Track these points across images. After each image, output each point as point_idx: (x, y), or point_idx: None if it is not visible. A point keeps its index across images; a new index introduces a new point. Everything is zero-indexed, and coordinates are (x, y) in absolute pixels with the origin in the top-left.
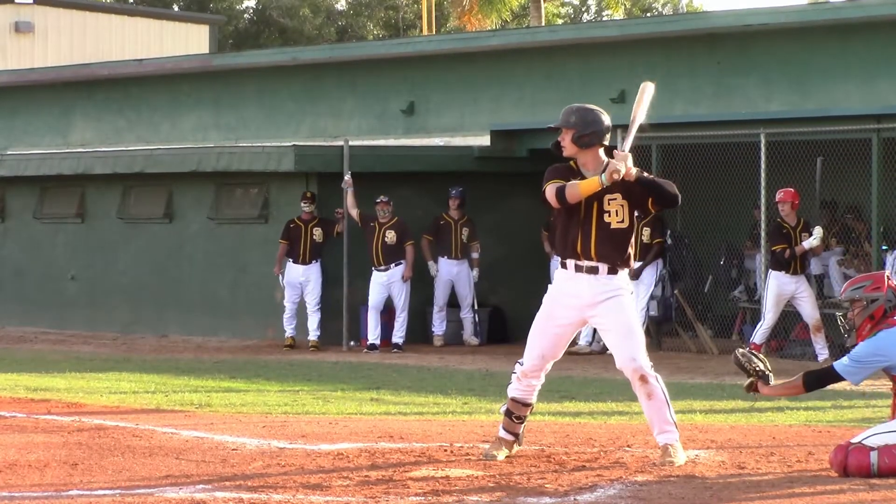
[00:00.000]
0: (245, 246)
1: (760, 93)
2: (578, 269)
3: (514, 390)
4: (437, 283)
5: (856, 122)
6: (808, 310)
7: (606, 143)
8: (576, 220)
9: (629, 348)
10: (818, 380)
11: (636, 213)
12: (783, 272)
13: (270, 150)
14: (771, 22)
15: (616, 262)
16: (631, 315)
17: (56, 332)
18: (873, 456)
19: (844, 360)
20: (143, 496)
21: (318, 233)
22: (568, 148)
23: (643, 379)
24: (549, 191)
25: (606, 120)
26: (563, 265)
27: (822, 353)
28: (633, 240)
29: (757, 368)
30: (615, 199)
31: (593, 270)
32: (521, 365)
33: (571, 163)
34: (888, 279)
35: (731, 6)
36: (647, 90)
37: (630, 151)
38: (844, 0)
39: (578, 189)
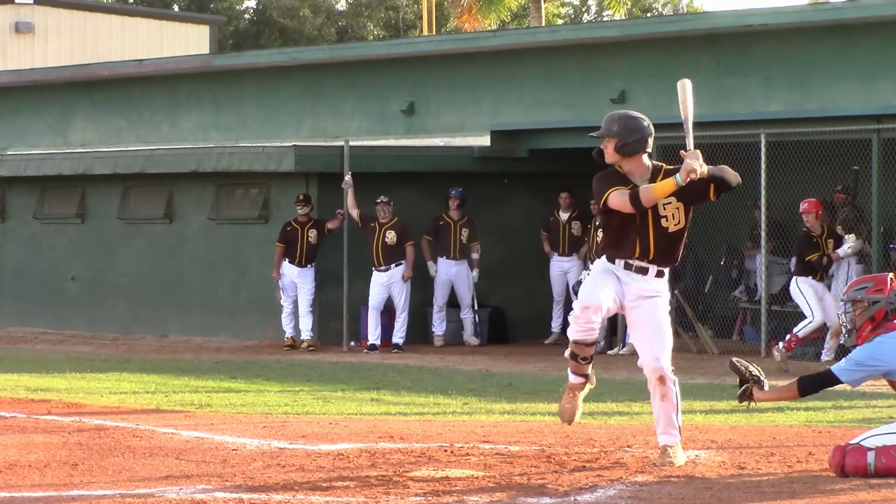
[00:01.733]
0: (245, 246)
1: (760, 93)
2: (628, 266)
3: (574, 332)
4: (436, 283)
5: (856, 122)
6: (832, 315)
7: (650, 149)
8: (632, 225)
9: (655, 348)
10: (814, 384)
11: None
12: (811, 277)
13: (270, 150)
14: (771, 22)
15: (668, 264)
16: (664, 317)
17: (56, 333)
18: (870, 456)
19: (842, 362)
20: (144, 496)
21: (313, 235)
22: (611, 156)
23: (661, 380)
24: (618, 198)
25: (649, 126)
26: (611, 260)
27: (828, 356)
28: (684, 239)
29: (753, 374)
30: (670, 202)
31: (642, 271)
32: (578, 302)
33: (616, 167)
34: (891, 281)
35: (731, 6)
36: (687, 87)
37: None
38: (844, 0)
39: (653, 192)
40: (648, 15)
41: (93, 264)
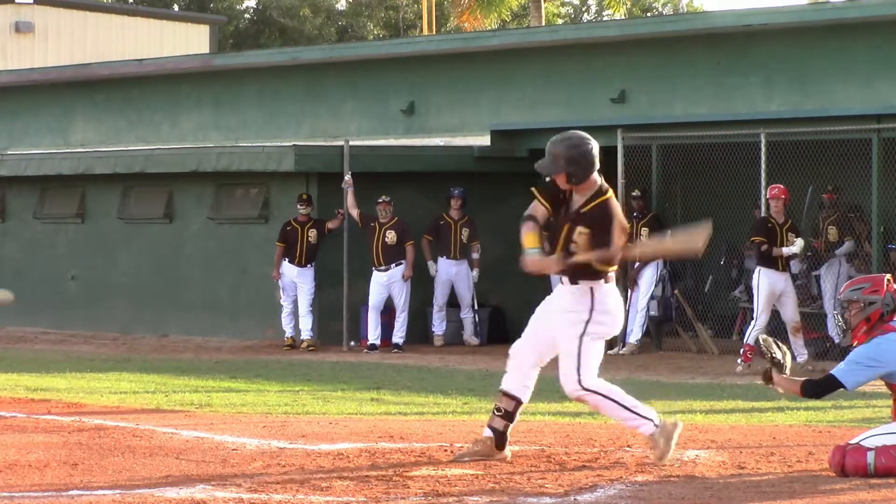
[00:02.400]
0: (245, 246)
1: (760, 93)
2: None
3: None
4: (436, 283)
5: (856, 122)
6: (790, 311)
7: (597, 166)
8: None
9: (566, 373)
10: (817, 388)
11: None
12: (773, 269)
13: (270, 150)
14: (771, 22)
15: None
16: (571, 343)
17: (56, 332)
18: (870, 456)
19: (842, 364)
20: (144, 496)
21: (313, 234)
22: (564, 185)
23: (580, 400)
24: (525, 214)
25: (594, 147)
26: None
27: (802, 353)
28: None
29: (774, 356)
30: (584, 232)
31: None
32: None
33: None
34: (888, 283)
35: (731, 6)
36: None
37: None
38: (844, 0)
39: (523, 240)
40: (648, 15)
41: (93, 264)
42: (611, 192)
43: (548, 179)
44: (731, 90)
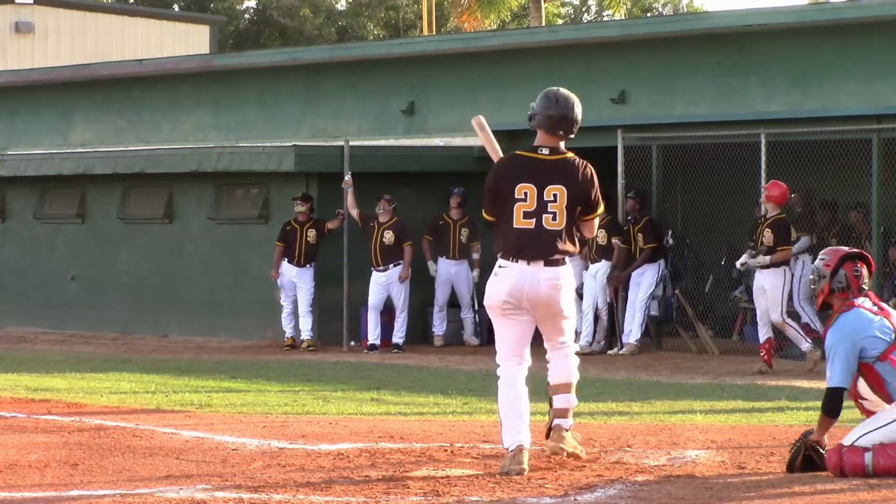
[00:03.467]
0: (245, 246)
1: (760, 93)
2: None
3: None
4: (436, 283)
5: (856, 123)
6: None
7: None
8: None
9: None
10: (829, 406)
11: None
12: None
13: (270, 150)
14: (771, 22)
15: None
16: None
17: (56, 332)
18: (868, 457)
19: (827, 370)
20: (144, 496)
21: (312, 234)
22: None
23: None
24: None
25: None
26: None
27: (805, 342)
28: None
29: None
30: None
31: None
32: None
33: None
34: (843, 261)
35: (731, 6)
36: None
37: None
38: (844, 0)
39: None
40: (648, 15)
41: (93, 264)
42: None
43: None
44: (731, 90)
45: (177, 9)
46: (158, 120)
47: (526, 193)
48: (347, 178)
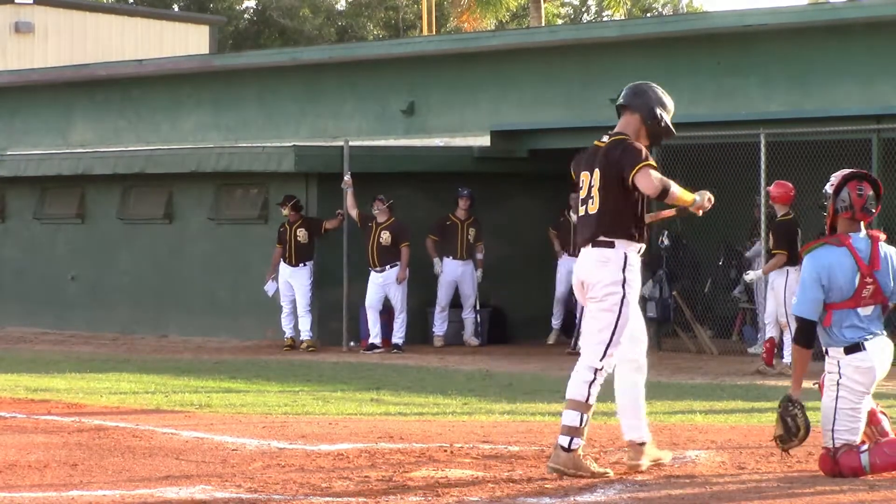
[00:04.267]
0: (245, 246)
1: (760, 93)
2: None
3: (595, 396)
4: (440, 283)
5: (856, 123)
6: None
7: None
8: (642, 210)
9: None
10: (800, 338)
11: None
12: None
13: (270, 150)
14: (771, 22)
15: None
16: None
17: (56, 333)
18: (864, 458)
19: (795, 299)
20: (143, 497)
21: (301, 234)
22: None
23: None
24: (655, 176)
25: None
26: (636, 249)
27: (788, 357)
28: None
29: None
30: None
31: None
32: (602, 367)
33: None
34: (850, 180)
35: (731, 6)
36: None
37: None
38: (844, 0)
39: (679, 195)
40: (648, 15)
41: (93, 264)
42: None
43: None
44: (730, 90)
45: (176, 9)
46: (158, 120)
47: (582, 182)
48: (347, 178)
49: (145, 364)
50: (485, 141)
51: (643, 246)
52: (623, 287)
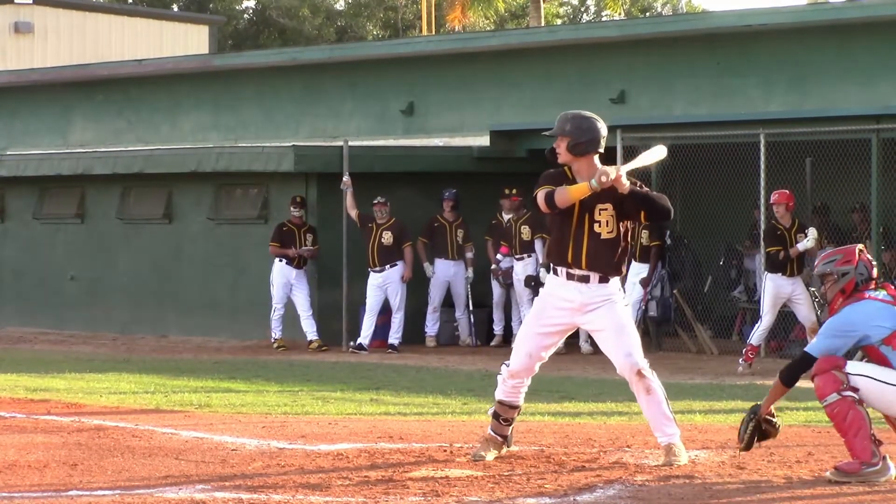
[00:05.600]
0: (245, 246)
1: (760, 93)
2: (570, 276)
3: (500, 392)
4: (432, 283)
5: (855, 123)
6: (805, 312)
7: (602, 150)
8: (568, 230)
9: (624, 345)
10: (793, 370)
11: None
12: (780, 274)
13: (270, 150)
14: (771, 22)
15: (606, 271)
16: (623, 315)
17: (56, 333)
18: (833, 396)
19: (814, 339)
20: (143, 496)
21: (310, 239)
22: (563, 155)
23: (640, 374)
24: (540, 195)
25: (603, 128)
26: (555, 272)
27: None
28: (621, 250)
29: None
30: (606, 209)
31: (584, 279)
32: (507, 366)
33: (566, 169)
34: (860, 252)
35: (730, 6)
36: (658, 153)
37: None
38: (844, 0)
39: (568, 193)
40: (647, 15)
41: (92, 264)
42: None
43: (549, 155)
44: (730, 90)
45: (176, 9)
46: (158, 120)
47: None
48: (346, 178)
49: (145, 364)
50: (484, 141)
51: (563, 268)
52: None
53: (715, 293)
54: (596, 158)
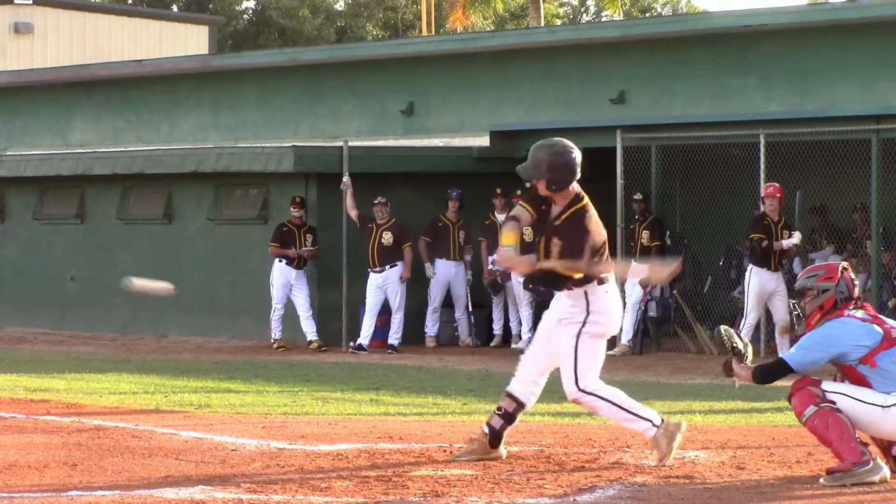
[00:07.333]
0: (244, 247)
1: (760, 93)
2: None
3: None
4: (433, 284)
5: (855, 123)
6: (781, 310)
7: (578, 176)
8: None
9: (564, 375)
10: (767, 373)
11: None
12: (764, 268)
13: (270, 150)
14: (771, 22)
15: (558, 286)
16: (568, 343)
17: (56, 333)
18: (810, 410)
19: (792, 349)
20: (143, 497)
21: (310, 240)
22: (544, 192)
23: (576, 402)
24: (509, 215)
25: (577, 156)
26: None
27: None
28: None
29: (735, 346)
30: (558, 244)
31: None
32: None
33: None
34: (843, 270)
35: (730, 6)
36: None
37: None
38: (844, 0)
39: (501, 237)
40: (647, 15)
41: (92, 265)
42: (586, 201)
43: (528, 185)
44: (730, 91)
45: (176, 9)
46: (158, 120)
47: None
48: (346, 178)
49: (145, 364)
50: (484, 141)
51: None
52: None
53: (715, 293)
54: (574, 184)
